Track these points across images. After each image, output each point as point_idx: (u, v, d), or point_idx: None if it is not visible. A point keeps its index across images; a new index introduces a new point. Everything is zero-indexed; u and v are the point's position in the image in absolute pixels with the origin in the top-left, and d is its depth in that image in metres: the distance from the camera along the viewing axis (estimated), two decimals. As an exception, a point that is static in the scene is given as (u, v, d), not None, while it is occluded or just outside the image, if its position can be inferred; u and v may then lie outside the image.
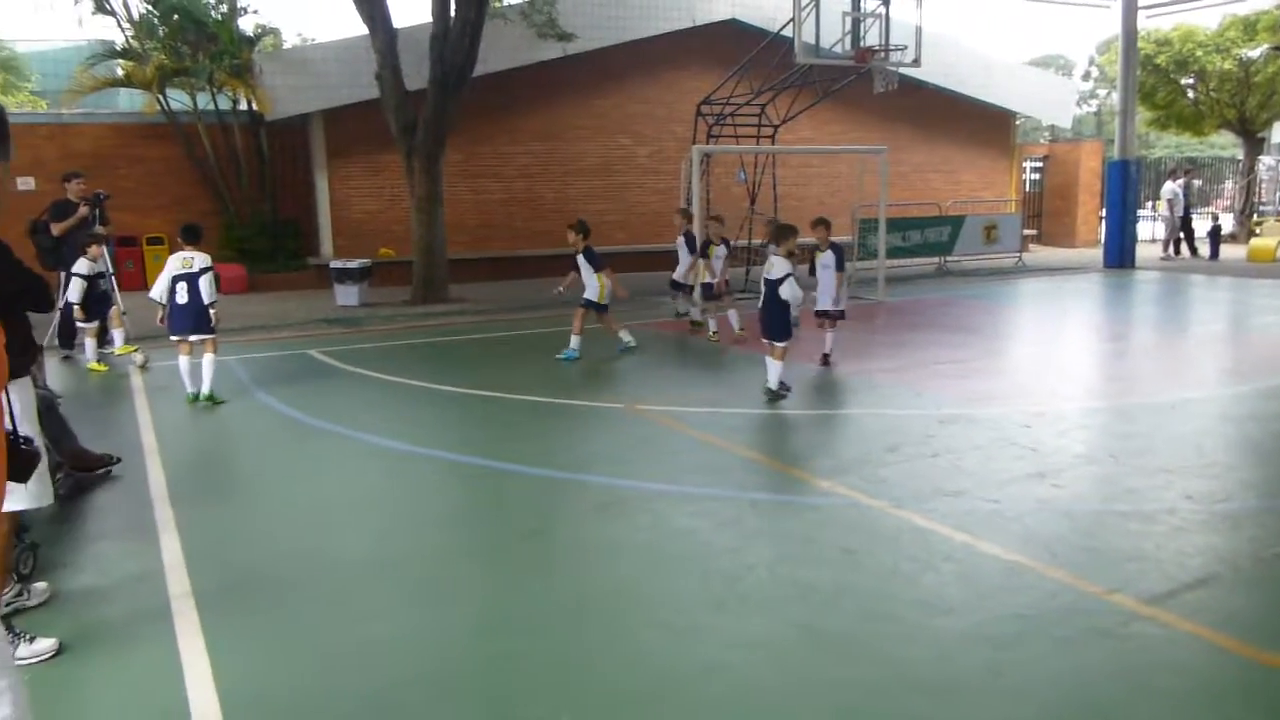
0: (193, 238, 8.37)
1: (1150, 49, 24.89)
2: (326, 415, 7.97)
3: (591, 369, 10.07)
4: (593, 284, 10.36)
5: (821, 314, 9.80)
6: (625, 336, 10.74)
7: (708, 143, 15.44)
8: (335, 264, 15.45)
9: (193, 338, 8.37)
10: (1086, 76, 60.68)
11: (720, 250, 11.48)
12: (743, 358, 10.39)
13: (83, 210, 10.63)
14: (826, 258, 9.74)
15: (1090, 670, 3.68)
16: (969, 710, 3.42)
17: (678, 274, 12.54)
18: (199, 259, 8.29)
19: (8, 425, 2.15)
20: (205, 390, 8.40)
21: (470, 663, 3.85)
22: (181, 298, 8.25)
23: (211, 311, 8.31)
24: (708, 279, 11.65)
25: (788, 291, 8.18)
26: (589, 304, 10.42)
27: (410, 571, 4.81)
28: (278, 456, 7.13)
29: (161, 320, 8.50)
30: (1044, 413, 7.68)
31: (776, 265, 8.22)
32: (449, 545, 5.22)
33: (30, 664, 3.76)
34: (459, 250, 17.48)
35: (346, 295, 15.03)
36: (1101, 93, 58.40)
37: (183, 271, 8.26)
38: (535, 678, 3.71)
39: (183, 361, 8.45)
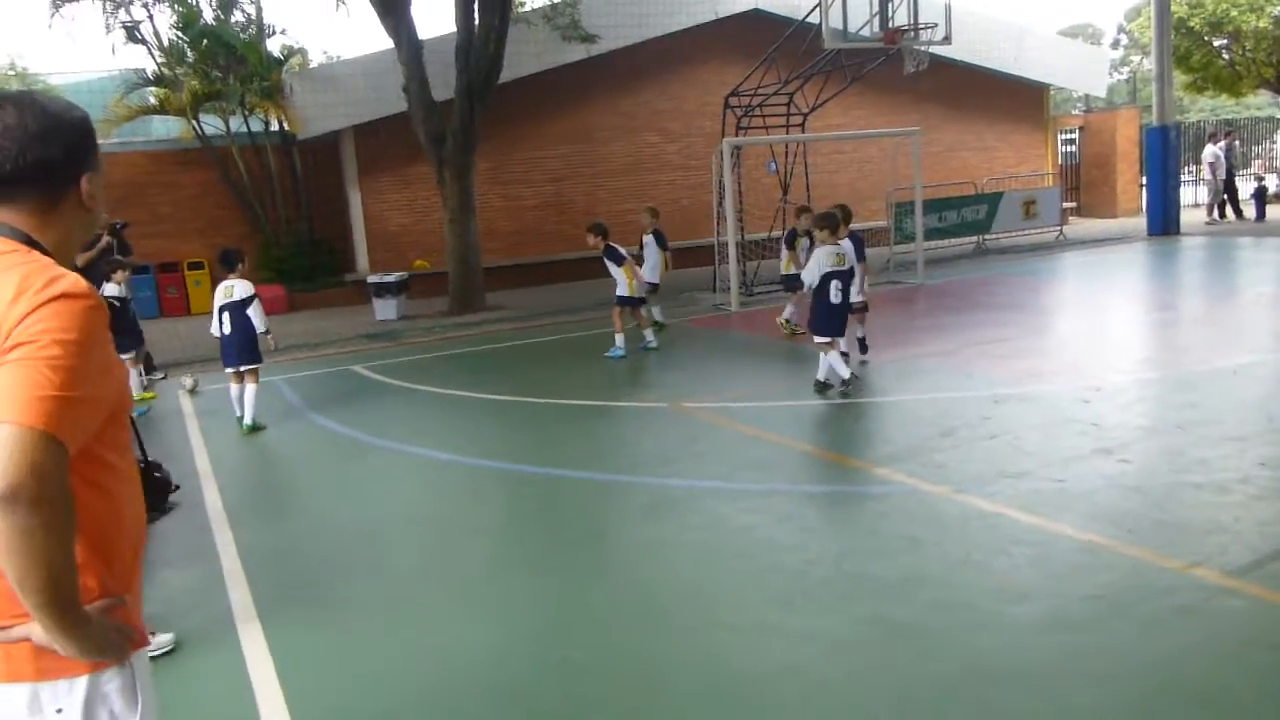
0: (229, 264, 8.25)
1: (1183, 12, 24.36)
2: (374, 430, 7.98)
3: (631, 369, 10.02)
4: (621, 280, 10.40)
5: None
6: (649, 335, 10.76)
7: (737, 135, 15.31)
8: (372, 278, 15.52)
9: (243, 368, 8.26)
10: (1116, 44, 59.61)
11: (806, 243, 11.32)
12: (785, 351, 10.28)
13: (105, 240, 10.71)
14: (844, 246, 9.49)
15: (1178, 648, 3.56)
16: (1052, 698, 3.31)
17: (650, 274, 11.87)
18: (239, 287, 8.20)
19: (138, 454, 2.14)
20: (248, 422, 8.26)
21: (535, 671, 3.79)
22: (227, 328, 8.15)
23: (269, 338, 8.29)
24: (794, 270, 11.45)
25: (857, 281, 8.16)
26: (622, 300, 10.45)
27: (469, 581, 4.78)
28: (330, 473, 7.14)
29: None
30: (1102, 387, 7.49)
31: (850, 254, 8.10)
32: (506, 553, 5.19)
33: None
34: (493, 258, 17.47)
35: (385, 309, 15.10)
36: (1134, 59, 57.30)
37: (225, 301, 8.17)
38: (601, 684, 3.66)
39: (234, 389, 8.40)
